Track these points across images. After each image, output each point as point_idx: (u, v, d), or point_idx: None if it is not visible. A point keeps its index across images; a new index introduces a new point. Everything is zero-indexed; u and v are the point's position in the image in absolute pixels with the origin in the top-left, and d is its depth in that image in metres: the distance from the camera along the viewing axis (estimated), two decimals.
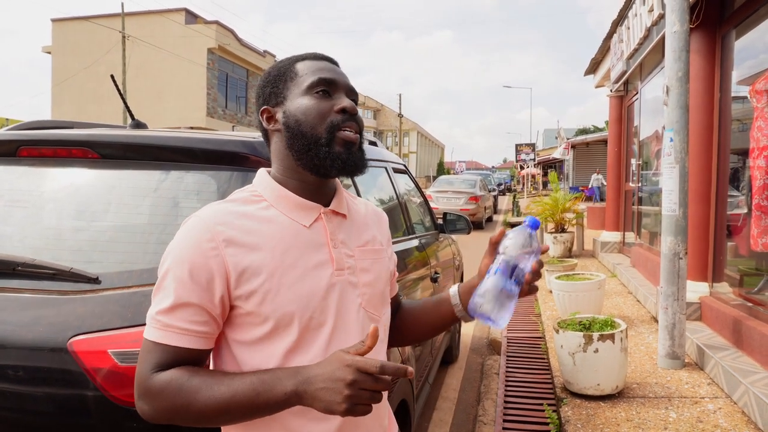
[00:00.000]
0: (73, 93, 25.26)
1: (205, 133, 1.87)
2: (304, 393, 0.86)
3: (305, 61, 1.04)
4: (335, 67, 1.06)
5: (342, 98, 1.02)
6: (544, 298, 6.00)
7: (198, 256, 0.91)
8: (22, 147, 1.76)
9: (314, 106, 0.99)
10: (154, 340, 0.91)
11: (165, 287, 0.92)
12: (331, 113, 0.99)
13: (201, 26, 24.25)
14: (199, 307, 0.91)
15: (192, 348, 0.92)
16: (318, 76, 1.01)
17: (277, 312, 0.93)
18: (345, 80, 1.05)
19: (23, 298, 1.45)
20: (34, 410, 1.37)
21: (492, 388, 3.90)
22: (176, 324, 0.91)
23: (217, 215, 0.95)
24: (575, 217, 8.93)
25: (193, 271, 0.91)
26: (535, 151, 33.47)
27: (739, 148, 4.29)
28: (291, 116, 1.00)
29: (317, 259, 0.98)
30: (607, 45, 8.29)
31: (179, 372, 0.90)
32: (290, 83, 1.02)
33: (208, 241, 0.92)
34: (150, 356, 0.91)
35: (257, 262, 0.93)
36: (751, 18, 4.02)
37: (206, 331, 0.93)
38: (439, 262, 3.38)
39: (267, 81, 1.05)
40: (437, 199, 14.51)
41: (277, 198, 1.00)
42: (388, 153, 3.24)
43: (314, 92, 1.00)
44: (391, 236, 1.21)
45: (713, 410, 3.03)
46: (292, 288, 0.94)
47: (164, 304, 0.91)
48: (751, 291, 3.98)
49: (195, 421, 0.90)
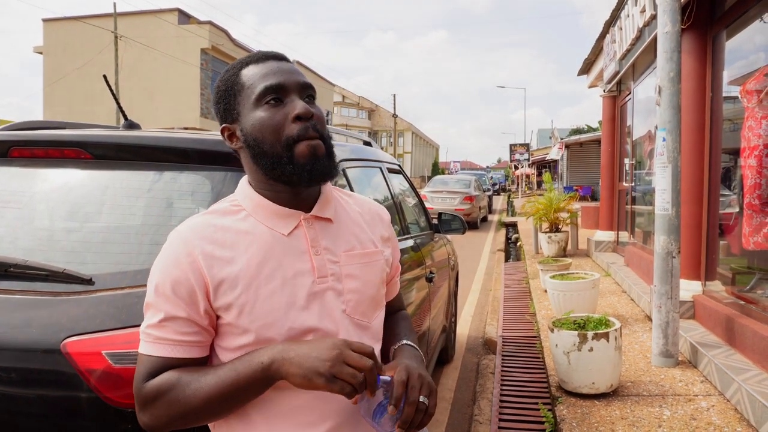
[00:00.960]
0: (65, 93, 25.12)
1: (198, 134, 1.87)
2: (282, 361, 0.87)
3: (249, 68, 0.98)
4: (281, 65, 0.99)
5: (294, 103, 0.96)
6: (539, 297, 6.02)
7: (177, 271, 0.93)
8: (13, 147, 1.75)
9: (267, 120, 0.94)
10: (148, 354, 0.93)
11: (153, 303, 0.94)
12: (287, 124, 0.94)
13: (194, 26, 24.18)
14: (187, 319, 0.93)
15: (185, 357, 0.94)
16: (263, 85, 0.95)
17: (255, 323, 0.93)
18: (294, 78, 0.97)
19: (16, 300, 1.44)
20: (28, 412, 1.36)
21: (487, 387, 3.91)
22: (167, 336, 0.93)
23: (194, 229, 0.96)
24: (569, 217, 8.96)
25: (175, 287, 0.93)
26: (529, 151, 33.57)
27: (731, 148, 4.32)
28: (249, 135, 0.97)
29: (297, 268, 0.97)
30: (599, 45, 8.33)
31: (169, 374, 0.92)
32: (239, 97, 0.97)
33: (186, 255, 0.94)
34: (143, 368, 0.93)
35: (233, 274, 0.94)
36: (741, 19, 4.05)
37: (198, 340, 0.95)
38: (434, 262, 3.38)
39: (218, 97, 1.01)
40: (432, 199, 14.52)
41: (255, 207, 0.99)
42: (383, 153, 3.24)
43: (264, 103, 0.95)
44: (393, 234, 1.17)
45: (706, 408, 3.05)
46: (270, 299, 0.94)
47: (154, 320, 0.94)
48: (744, 289, 4.01)
49: (193, 418, 0.91)
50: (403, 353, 1.05)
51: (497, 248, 11.05)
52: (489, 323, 5.59)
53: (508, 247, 11.68)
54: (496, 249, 10.96)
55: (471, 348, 4.91)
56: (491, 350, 4.78)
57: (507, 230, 14.26)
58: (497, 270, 8.65)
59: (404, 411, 0.89)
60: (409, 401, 0.89)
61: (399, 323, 1.19)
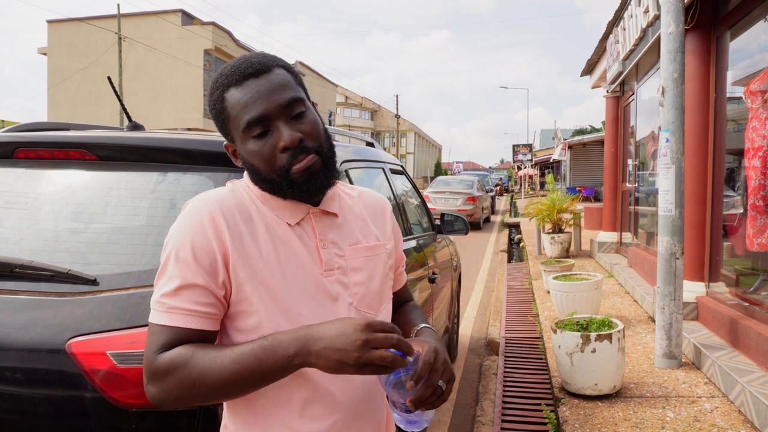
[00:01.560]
0: (69, 94, 25.22)
1: (202, 135, 1.88)
2: (308, 354, 0.85)
3: (231, 92, 0.95)
4: (260, 85, 0.94)
5: (280, 132, 0.93)
6: (541, 298, 6.01)
7: (201, 237, 0.91)
8: (19, 149, 1.76)
9: (257, 152, 0.94)
10: (161, 323, 0.90)
11: (168, 270, 0.91)
12: (276, 155, 0.94)
13: (197, 27, 24.25)
14: (205, 288, 0.91)
15: (199, 329, 0.91)
16: (246, 119, 0.93)
17: (267, 305, 0.93)
18: (275, 102, 0.93)
19: (21, 300, 1.45)
20: (33, 412, 1.37)
21: (490, 388, 3.91)
22: (182, 305, 0.90)
23: (217, 199, 0.96)
24: (572, 218, 8.95)
25: (197, 253, 0.91)
26: (532, 152, 33.52)
27: (735, 149, 4.31)
28: (245, 161, 0.98)
29: (305, 260, 0.98)
30: (603, 46, 8.32)
31: (183, 349, 0.88)
32: (229, 125, 0.97)
33: (210, 222, 0.92)
34: (156, 339, 0.90)
35: (252, 251, 0.94)
36: (745, 19, 4.04)
37: (213, 312, 0.92)
38: (436, 263, 3.38)
39: (213, 116, 1.01)
40: (435, 200, 14.53)
41: (263, 198, 1.00)
42: (386, 154, 3.25)
43: (250, 137, 0.94)
44: (396, 226, 1.18)
45: (710, 409, 3.05)
46: (283, 283, 0.95)
47: (169, 287, 0.90)
48: (747, 291, 4.00)
49: (204, 398, 0.88)
50: (425, 335, 1.05)
51: (500, 249, 11.04)
52: (491, 324, 5.59)
53: (511, 248, 11.68)
54: (499, 250, 10.95)
55: (473, 349, 4.91)
56: (494, 351, 4.78)
57: (510, 231, 14.26)
58: (500, 271, 8.65)
59: (421, 389, 0.88)
60: (430, 383, 0.89)
61: (411, 311, 1.20)
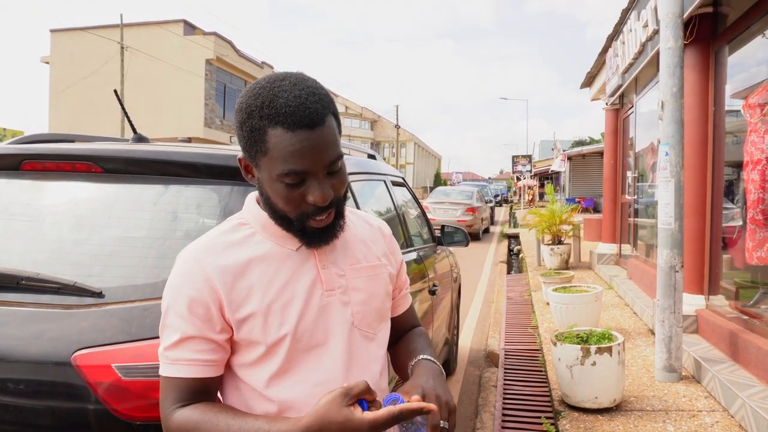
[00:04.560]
0: (71, 103, 25.30)
1: (206, 148, 1.89)
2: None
3: (279, 130, 0.89)
4: (312, 139, 0.90)
5: (314, 188, 0.92)
6: (541, 310, 6.01)
7: (192, 290, 0.94)
8: (25, 161, 1.77)
9: (283, 195, 0.93)
10: (167, 376, 0.95)
11: (168, 324, 0.95)
12: (302, 203, 0.94)
13: (199, 37, 24.39)
14: (203, 338, 0.94)
15: (202, 377, 0.95)
16: (288, 168, 0.90)
17: (268, 336, 0.95)
18: (321, 159, 0.92)
19: (27, 312, 1.46)
20: (38, 424, 1.38)
21: (490, 400, 3.90)
22: (184, 356, 0.94)
23: (205, 247, 0.98)
24: (572, 229, 8.96)
25: (191, 305, 0.94)
26: (531, 163, 33.61)
27: (733, 162, 4.34)
28: (263, 190, 0.97)
29: (306, 282, 0.99)
30: (602, 59, 8.39)
31: (194, 412, 0.92)
32: (261, 156, 0.92)
33: (199, 273, 0.95)
34: (166, 393, 0.95)
35: (246, 289, 0.96)
36: (743, 34, 4.09)
37: (214, 359, 0.96)
38: (437, 275, 3.39)
39: (239, 133, 0.95)
40: (434, 211, 14.54)
41: (263, 226, 1.01)
42: (387, 166, 3.27)
43: (285, 182, 0.92)
44: (396, 248, 1.19)
45: (710, 424, 3.04)
46: (282, 312, 0.96)
47: (170, 341, 0.95)
48: (747, 304, 4.00)
49: None
50: (421, 369, 1.05)
51: (499, 260, 11.03)
52: (491, 336, 5.58)
53: (510, 259, 11.67)
54: (498, 261, 10.94)
55: (473, 360, 4.90)
56: (493, 363, 4.77)
57: (509, 242, 14.26)
58: (499, 282, 8.64)
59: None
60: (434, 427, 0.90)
61: (415, 339, 1.19)
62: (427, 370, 1.03)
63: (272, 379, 0.97)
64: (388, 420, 0.84)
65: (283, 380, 0.97)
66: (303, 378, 0.97)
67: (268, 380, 0.97)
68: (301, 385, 0.97)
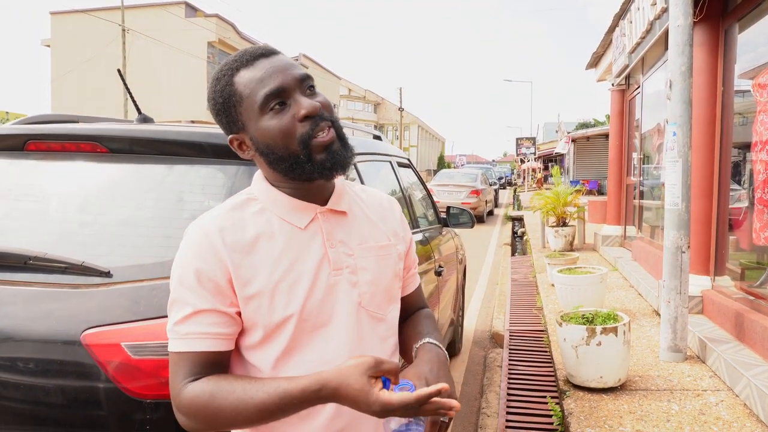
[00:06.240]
0: (73, 87, 25.23)
1: (212, 128, 1.88)
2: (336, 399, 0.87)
3: (241, 73, 0.94)
4: (273, 62, 0.95)
5: (299, 101, 0.94)
6: (546, 291, 6.02)
7: (201, 263, 0.93)
8: (30, 141, 1.76)
9: (276, 126, 0.93)
10: (177, 351, 0.93)
11: (178, 299, 0.94)
12: (296, 125, 0.93)
13: (201, 19, 24.19)
14: (214, 311, 0.93)
15: (214, 351, 0.93)
16: (263, 93, 0.92)
17: (275, 315, 0.94)
18: (291, 75, 0.94)
19: (35, 292, 1.46)
20: (48, 402, 1.39)
21: (495, 380, 3.92)
22: (194, 330, 0.92)
23: (214, 221, 0.96)
24: (576, 211, 8.94)
25: (201, 279, 0.92)
26: (535, 145, 33.43)
27: (742, 142, 4.29)
28: (260, 144, 0.96)
29: (314, 260, 0.98)
30: (608, 39, 8.27)
31: (207, 383, 0.91)
32: (240, 107, 0.95)
33: (208, 246, 0.94)
34: (177, 368, 0.93)
35: (254, 266, 0.94)
36: (754, 12, 4.01)
37: (225, 332, 0.94)
38: (442, 256, 3.39)
39: (217, 109, 0.98)
40: (439, 193, 14.50)
41: (272, 201, 0.99)
42: (393, 147, 3.25)
43: (268, 110, 0.93)
44: (406, 226, 1.16)
45: (715, 403, 3.06)
46: (289, 291, 0.95)
47: (180, 315, 0.93)
48: (753, 285, 3.99)
49: (230, 427, 0.91)
50: (425, 355, 1.03)
51: (504, 242, 11.04)
52: (496, 317, 5.60)
53: (515, 241, 11.67)
54: (503, 243, 10.95)
55: (478, 341, 4.92)
56: (498, 344, 4.80)
57: (513, 224, 14.25)
58: (504, 264, 8.65)
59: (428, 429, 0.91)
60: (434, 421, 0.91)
61: (422, 321, 1.17)
62: (432, 357, 1.02)
63: (279, 359, 0.96)
64: (399, 407, 0.83)
65: (290, 360, 0.96)
66: (310, 358, 0.96)
67: (275, 361, 0.96)
68: (309, 365, 0.96)
